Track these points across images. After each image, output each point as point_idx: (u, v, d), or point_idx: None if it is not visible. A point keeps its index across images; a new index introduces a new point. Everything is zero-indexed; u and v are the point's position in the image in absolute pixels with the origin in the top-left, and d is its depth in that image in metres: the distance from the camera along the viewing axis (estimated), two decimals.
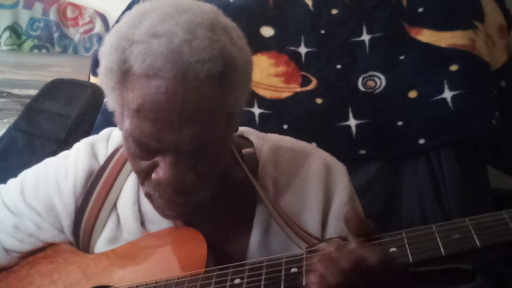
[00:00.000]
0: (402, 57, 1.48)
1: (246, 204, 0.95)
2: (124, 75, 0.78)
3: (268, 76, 1.52)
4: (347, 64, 1.51)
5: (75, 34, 2.14)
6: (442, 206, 1.35)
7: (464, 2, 1.49)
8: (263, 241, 0.93)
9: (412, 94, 1.43)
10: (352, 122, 1.45)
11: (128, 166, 0.96)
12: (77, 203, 0.99)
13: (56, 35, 2.12)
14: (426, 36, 1.47)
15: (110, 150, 1.02)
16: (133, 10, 0.82)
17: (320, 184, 0.96)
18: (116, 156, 1.01)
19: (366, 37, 1.53)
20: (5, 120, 1.86)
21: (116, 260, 0.94)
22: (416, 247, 0.68)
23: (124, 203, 0.97)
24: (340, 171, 0.99)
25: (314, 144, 1.36)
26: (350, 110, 1.46)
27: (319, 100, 1.49)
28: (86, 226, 0.98)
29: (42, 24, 2.13)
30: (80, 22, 2.14)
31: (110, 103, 0.85)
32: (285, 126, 1.46)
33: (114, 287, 0.90)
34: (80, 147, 1.03)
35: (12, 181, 1.06)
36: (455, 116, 1.37)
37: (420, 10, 1.51)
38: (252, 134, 1.03)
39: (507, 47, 1.53)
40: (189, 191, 0.83)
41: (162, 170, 0.80)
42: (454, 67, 1.42)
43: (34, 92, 1.81)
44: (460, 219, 0.68)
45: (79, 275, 0.95)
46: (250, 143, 1.01)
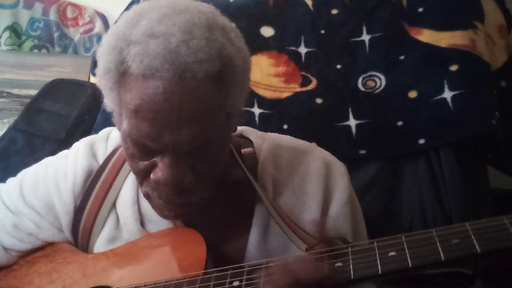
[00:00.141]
0: (402, 57, 1.48)
1: (245, 204, 0.95)
2: (122, 75, 0.78)
3: (268, 76, 1.52)
4: (347, 64, 1.51)
5: (75, 34, 2.14)
6: (442, 206, 1.35)
7: (464, 2, 1.49)
8: (262, 241, 0.93)
9: (412, 94, 1.43)
10: (352, 122, 1.45)
11: (127, 165, 0.96)
12: (76, 203, 0.99)
13: (56, 35, 2.12)
14: (426, 36, 1.47)
15: (109, 150, 1.02)
16: (130, 10, 0.82)
17: (320, 183, 0.96)
18: (115, 155, 1.00)
19: (366, 37, 1.53)
20: (5, 120, 1.86)
21: (115, 261, 0.94)
22: (416, 251, 0.67)
23: (123, 202, 0.97)
24: (340, 171, 0.99)
25: (314, 143, 1.36)
26: (350, 110, 1.46)
27: (319, 100, 1.49)
28: (85, 226, 0.98)
29: (42, 24, 2.14)
30: (80, 22, 2.14)
31: (108, 104, 0.85)
32: (285, 126, 1.46)
33: (112, 287, 0.90)
34: (80, 146, 1.03)
35: (11, 180, 1.06)
36: (455, 116, 1.37)
37: (420, 10, 1.51)
38: (252, 133, 1.03)
39: (507, 47, 1.53)
40: (187, 191, 0.83)
41: (161, 171, 0.80)
42: (454, 67, 1.42)
43: (34, 92, 1.81)
44: (460, 223, 0.67)
45: (78, 275, 0.95)
46: (250, 142, 1.01)
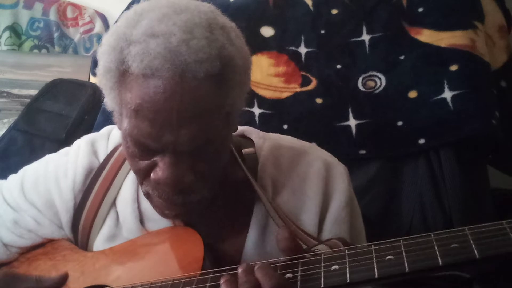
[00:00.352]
0: (402, 57, 1.48)
1: (245, 204, 0.95)
2: (122, 75, 0.78)
3: (268, 76, 1.52)
4: (347, 64, 1.51)
5: (75, 34, 2.14)
6: (442, 206, 1.35)
7: (464, 2, 1.49)
8: (260, 240, 0.93)
9: (412, 94, 1.44)
10: (352, 122, 1.45)
11: (128, 164, 0.96)
12: (76, 200, 0.99)
13: (56, 35, 2.13)
14: (426, 36, 1.47)
15: (110, 148, 1.02)
16: (131, 10, 0.82)
17: (320, 184, 0.96)
18: (116, 154, 1.01)
19: (366, 37, 1.53)
20: (5, 120, 1.86)
21: (114, 259, 0.94)
22: (413, 256, 0.66)
23: (123, 200, 0.97)
24: (340, 172, 0.99)
25: (314, 144, 1.36)
26: (350, 110, 1.46)
27: (319, 100, 1.49)
28: (85, 223, 0.98)
29: (42, 24, 2.14)
30: (80, 22, 2.14)
31: (109, 103, 0.85)
32: (285, 126, 1.46)
33: (109, 287, 0.90)
34: (81, 144, 1.03)
35: (12, 177, 1.07)
36: (455, 116, 1.37)
37: (420, 10, 1.51)
38: (253, 133, 1.03)
39: (507, 47, 1.54)
40: (187, 191, 0.83)
41: (161, 170, 0.80)
42: (454, 67, 1.42)
43: (34, 92, 1.82)
44: (459, 228, 0.66)
45: (76, 273, 0.95)
46: (251, 142, 1.01)
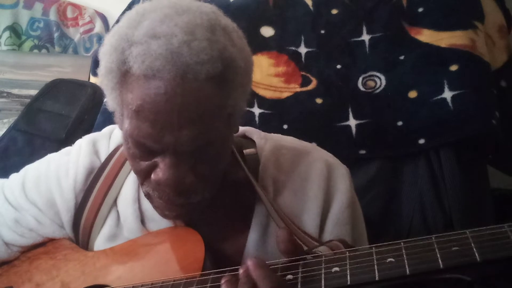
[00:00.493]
0: (402, 57, 1.48)
1: (246, 204, 0.95)
2: (124, 75, 0.78)
3: (268, 76, 1.52)
4: (347, 64, 1.51)
5: (75, 34, 2.15)
6: (442, 206, 1.35)
7: (464, 2, 1.49)
8: (261, 241, 0.93)
9: (412, 94, 1.43)
10: (352, 122, 1.45)
11: (129, 164, 0.96)
12: (77, 200, 0.99)
13: (56, 35, 2.13)
14: (426, 36, 1.47)
15: (111, 148, 1.02)
16: (132, 10, 0.82)
17: (321, 185, 0.96)
18: (117, 153, 1.01)
19: (366, 37, 1.53)
20: (5, 120, 1.86)
21: (115, 259, 0.94)
22: (414, 258, 0.66)
23: (124, 200, 0.98)
24: (342, 173, 0.99)
25: (314, 144, 1.36)
26: (350, 110, 1.46)
27: (319, 100, 1.49)
28: (85, 223, 0.98)
29: (42, 24, 2.14)
30: (80, 22, 2.14)
31: (110, 103, 0.85)
32: (285, 126, 1.46)
33: (110, 287, 0.90)
34: (82, 143, 1.03)
35: (14, 176, 1.07)
36: (455, 116, 1.37)
37: (420, 10, 1.51)
38: (255, 134, 1.03)
39: (507, 47, 1.53)
40: (188, 192, 0.83)
41: (162, 171, 0.80)
42: (454, 67, 1.42)
43: (34, 92, 1.82)
44: (460, 231, 0.66)
45: (77, 272, 0.95)
46: (253, 142, 1.01)
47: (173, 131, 0.76)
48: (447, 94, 1.39)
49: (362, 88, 1.48)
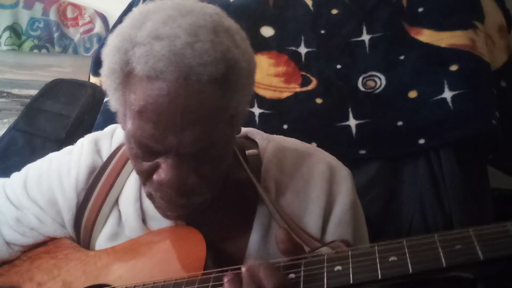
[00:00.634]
0: (402, 57, 1.48)
1: (248, 205, 0.95)
2: (127, 76, 0.78)
3: (268, 76, 1.52)
4: (347, 64, 1.51)
5: (75, 34, 2.14)
6: (442, 206, 1.35)
7: (464, 2, 1.49)
8: (263, 242, 0.93)
9: (412, 94, 1.43)
10: (352, 122, 1.45)
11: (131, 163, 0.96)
12: (78, 198, 0.99)
13: (56, 35, 2.12)
14: (426, 36, 1.47)
15: (113, 147, 1.02)
16: (136, 11, 0.82)
17: (324, 187, 0.96)
18: (119, 153, 1.01)
19: (366, 37, 1.53)
20: (5, 120, 1.86)
21: (116, 258, 0.94)
22: (417, 257, 0.65)
23: (126, 199, 0.98)
24: (344, 175, 0.99)
25: (314, 144, 1.36)
26: (350, 110, 1.46)
27: (319, 100, 1.49)
28: (87, 222, 0.98)
29: (42, 24, 2.14)
30: (80, 22, 2.14)
31: (113, 104, 0.85)
32: (285, 126, 1.46)
33: (111, 286, 0.90)
34: (84, 142, 1.03)
35: (15, 175, 1.07)
36: (455, 116, 1.37)
37: (420, 10, 1.51)
38: (257, 135, 1.03)
39: (507, 47, 1.54)
40: (190, 193, 0.83)
41: (164, 172, 0.80)
42: (454, 67, 1.42)
43: (34, 92, 1.82)
44: (463, 229, 0.66)
45: (78, 272, 0.95)
46: (255, 144, 1.01)
47: (175, 132, 0.76)
48: (447, 94, 1.39)
49: (362, 88, 1.48)
